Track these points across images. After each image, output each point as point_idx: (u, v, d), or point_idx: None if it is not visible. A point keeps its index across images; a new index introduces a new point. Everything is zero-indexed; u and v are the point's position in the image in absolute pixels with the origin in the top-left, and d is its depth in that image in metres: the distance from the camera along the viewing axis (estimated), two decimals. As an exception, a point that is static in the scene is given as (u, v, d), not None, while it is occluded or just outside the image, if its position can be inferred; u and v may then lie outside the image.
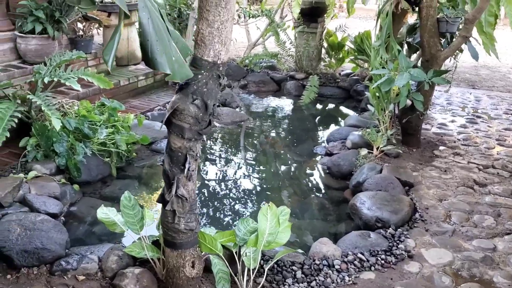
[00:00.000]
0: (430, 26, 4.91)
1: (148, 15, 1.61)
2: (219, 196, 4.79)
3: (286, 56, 8.15)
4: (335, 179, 4.98)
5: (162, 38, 1.69)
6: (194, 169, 2.70)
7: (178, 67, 1.79)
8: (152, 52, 1.65)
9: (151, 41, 1.63)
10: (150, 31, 1.63)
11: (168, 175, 2.69)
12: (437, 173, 4.73)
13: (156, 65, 1.69)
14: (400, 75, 4.65)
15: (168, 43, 1.74)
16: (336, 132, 5.77)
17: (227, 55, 2.48)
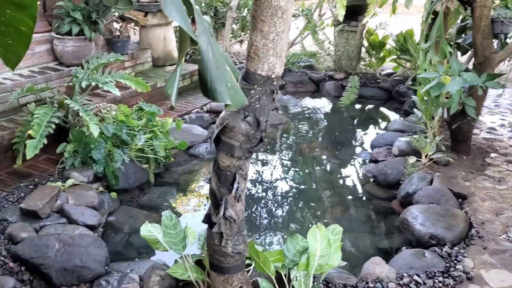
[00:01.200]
0: (483, 27, 4.61)
1: (208, 40, 1.42)
2: (257, 202, 4.62)
3: (325, 56, 7.90)
4: (381, 188, 4.75)
5: (220, 65, 1.50)
6: (243, 189, 2.53)
7: (234, 93, 1.60)
8: (212, 81, 1.47)
9: (210, 70, 1.45)
10: (210, 59, 1.45)
11: (216, 195, 2.52)
12: (491, 183, 4.45)
13: (216, 96, 1.50)
14: (452, 79, 4.38)
15: (224, 68, 1.56)
16: (380, 138, 5.52)
17: (282, 68, 2.29)
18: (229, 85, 1.57)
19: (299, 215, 4.41)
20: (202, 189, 4.82)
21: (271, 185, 4.97)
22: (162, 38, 6.73)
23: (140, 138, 4.51)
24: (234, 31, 8.12)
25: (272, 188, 4.91)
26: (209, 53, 1.45)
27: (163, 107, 6.01)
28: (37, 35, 5.71)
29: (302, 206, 4.55)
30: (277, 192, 4.83)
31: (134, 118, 4.78)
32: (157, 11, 6.57)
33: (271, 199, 4.68)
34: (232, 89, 1.60)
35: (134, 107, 4.93)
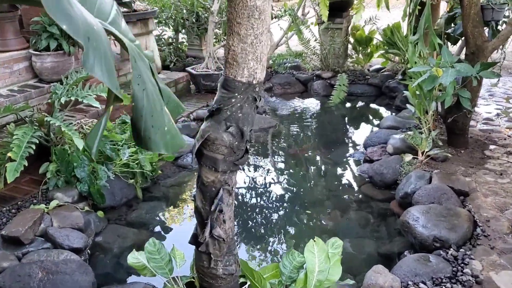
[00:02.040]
0: (473, 15, 4.45)
1: (143, 85, 1.24)
2: (251, 209, 4.44)
3: (311, 55, 7.73)
4: (378, 189, 4.57)
5: (156, 110, 1.32)
6: (231, 204, 2.34)
7: (171, 138, 1.42)
8: (146, 130, 1.29)
9: (145, 117, 1.27)
10: (145, 106, 1.26)
11: (201, 214, 2.34)
12: (493, 178, 4.28)
13: (150, 145, 1.32)
14: (445, 72, 4.22)
15: (161, 112, 1.37)
16: (373, 136, 5.34)
17: (264, 73, 2.11)
18: (166, 129, 1.39)
19: (295, 221, 4.22)
20: (193, 202, 4.61)
21: (265, 190, 4.79)
22: (144, 48, 6.53)
23: (124, 152, 4.31)
24: (218, 35, 7.95)
25: (266, 193, 4.72)
26: (144, 99, 1.27)
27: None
28: (14, 53, 5.52)
29: (297, 212, 4.37)
30: (270, 197, 4.64)
31: (117, 132, 4.58)
32: (136, 20, 6.37)
33: (265, 206, 4.49)
34: (169, 133, 1.41)
35: (116, 121, 4.73)
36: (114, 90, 1.08)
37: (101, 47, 1.06)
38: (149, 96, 1.28)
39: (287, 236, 4.04)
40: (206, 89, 6.68)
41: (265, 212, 4.43)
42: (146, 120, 1.28)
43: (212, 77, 6.54)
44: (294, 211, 4.40)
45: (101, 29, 1.11)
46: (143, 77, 1.27)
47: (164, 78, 6.54)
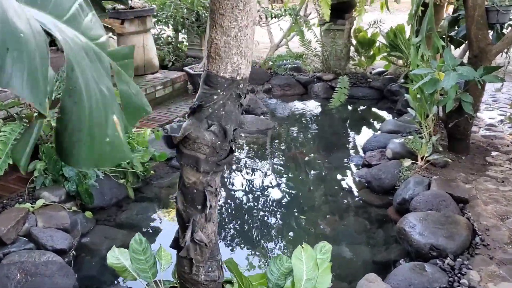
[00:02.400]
0: (477, 17, 4.32)
1: (77, 97, 1.11)
2: (244, 213, 4.31)
3: (312, 56, 7.60)
4: (375, 195, 4.44)
5: (92, 122, 1.19)
6: (214, 207, 2.21)
7: (111, 150, 1.28)
8: (69, 143, 1.14)
9: (70, 131, 1.13)
10: (72, 119, 1.13)
11: (182, 216, 2.21)
12: (494, 185, 4.14)
13: (70, 160, 1.17)
14: (446, 75, 4.08)
15: (102, 124, 1.24)
16: (373, 140, 5.21)
17: (249, 69, 1.98)
18: (108, 140, 1.26)
19: (290, 225, 4.09)
20: (185, 204, 4.50)
21: (260, 193, 4.65)
22: (141, 46, 6.43)
23: (114, 152, 4.18)
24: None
25: (261, 197, 4.59)
26: (72, 113, 1.13)
27: (143, 118, 5.71)
28: (7, 47, 5.40)
29: (293, 216, 4.24)
30: (266, 201, 4.51)
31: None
32: (134, 18, 6.26)
33: (260, 209, 4.36)
34: (111, 145, 1.27)
35: (108, 119, 4.61)
36: (37, 105, 0.94)
37: (26, 56, 0.92)
38: (81, 110, 1.15)
39: (281, 241, 3.91)
40: (204, 89, 6.56)
41: (260, 215, 4.30)
42: (72, 134, 1.14)
43: (210, 77, 6.41)
44: (289, 215, 4.27)
45: (31, 35, 0.96)
46: (79, 88, 1.14)
47: (161, 77, 6.43)
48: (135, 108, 1.61)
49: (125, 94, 1.57)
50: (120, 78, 1.56)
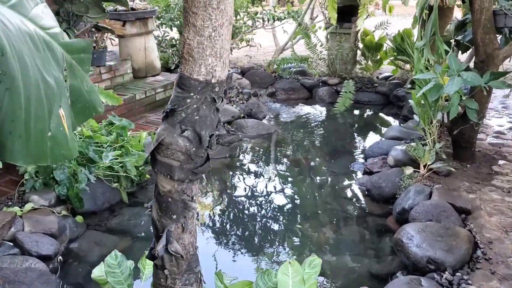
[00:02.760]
0: (484, 21, 4.16)
1: (10, 84, 0.99)
2: (241, 220, 4.18)
3: (318, 60, 7.46)
4: (375, 203, 4.29)
5: (30, 113, 1.07)
6: (191, 217, 2.09)
7: (53, 146, 1.16)
8: (1, 135, 1.04)
9: (1, 121, 1.02)
10: (4, 108, 1.02)
11: (157, 226, 2.09)
12: (499, 195, 3.97)
13: (3, 153, 1.06)
14: (450, 80, 3.93)
15: (43, 116, 1.12)
16: (375, 146, 5.05)
17: (225, 71, 1.86)
18: (50, 135, 1.14)
19: (286, 234, 3.95)
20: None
21: (256, 200, 4.52)
22: (143, 48, 6.34)
23: (107, 155, 4.09)
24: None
25: (257, 203, 4.46)
26: (4, 101, 1.02)
27: (142, 120, 5.62)
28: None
29: (289, 224, 4.10)
30: (262, 208, 4.38)
31: (103, 134, 4.37)
32: (135, 19, 6.18)
33: (256, 216, 4.23)
34: (54, 140, 1.15)
35: (103, 121, 4.52)
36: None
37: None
38: (15, 98, 1.03)
39: (277, 250, 3.77)
40: (206, 92, 6.45)
41: (256, 222, 4.17)
42: (3, 123, 1.02)
43: (212, 80, 6.30)
44: (286, 223, 4.14)
45: None
46: (12, 74, 1.02)
47: (163, 80, 6.33)
48: (85, 106, 1.50)
49: (76, 89, 1.46)
50: (72, 72, 1.45)
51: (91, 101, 1.50)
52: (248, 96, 6.64)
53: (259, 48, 8.27)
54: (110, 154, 4.10)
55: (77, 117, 1.44)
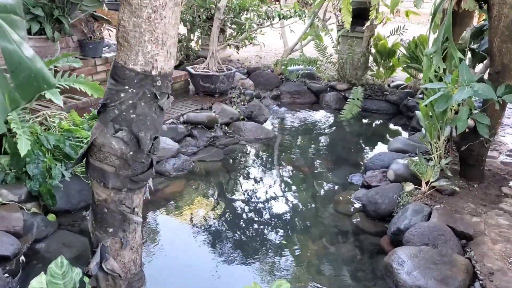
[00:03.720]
0: (503, 28, 3.80)
1: None
2: (222, 229, 3.85)
3: (327, 63, 7.13)
4: (370, 220, 3.95)
5: None
6: (132, 231, 1.79)
7: None
8: None
9: None
10: None
11: (91, 240, 1.80)
12: (507, 220, 3.61)
13: None
14: (459, 91, 3.59)
15: None
16: (376, 158, 4.71)
17: (171, 63, 1.56)
18: None
19: (273, 250, 3.63)
20: (160, 214, 4.10)
21: (241, 210, 4.20)
22: (143, 40, 6.07)
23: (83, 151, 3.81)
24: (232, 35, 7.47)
25: (241, 214, 4.14)
26: None
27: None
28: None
29: (278, 238, 3.77)
30: (246, 219, 4.06)
31: (84, 128, 4.11)
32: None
33: (237, 228, 3.91)
34: None
35: (85, 115, 4.25)
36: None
37: None
38: None
39: (256, 267, 3.45)
40: (205, 91, 6.17)
41: (237, 235, 3.85)
42: None
43: (212, 79, 6.02)
44: (272, 237, 3.81)
45: None
46: None
47: (161, 75, 6.06)
48: (30, 76, 1.24)
49: (12, 55, 1.22)
50: (2, 33, 1.21)
51: (38, 71, 1.24)
52: (250, 97, 6.34)
53: (262, 48, 7.98)
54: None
55: (23, 90, 1.20)
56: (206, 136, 5.41)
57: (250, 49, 9.87)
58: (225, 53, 8.52)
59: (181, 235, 3.80)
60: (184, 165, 4.76)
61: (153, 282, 3.01)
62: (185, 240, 3.74)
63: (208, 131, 5.47)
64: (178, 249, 3.61)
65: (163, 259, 3.44)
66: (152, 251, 3.51)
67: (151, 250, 3.53)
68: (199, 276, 3.31)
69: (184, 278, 3.27)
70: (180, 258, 3.51)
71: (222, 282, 3.24)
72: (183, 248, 3.63)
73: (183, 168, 4.74)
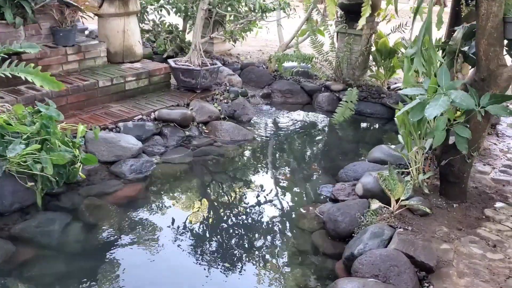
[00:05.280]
0: (491, 29, 3.32)
1: None
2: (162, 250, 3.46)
3: (323, 61, 6.66)
4: (330, 240, 3.52)
5: None
6: None
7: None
8: None
9: None
10: None
11: None
12: (481, 249, 3.14)
13: None
14: (434, 100, 3.14)
15: None
16: (350, 169, 4.25)
17: None
18: None
19: (219, 268, 3.24)
20: (105, 220, 3.76)
21: (193, 225, 3.76)
22: (121, 31, 5.73)
23: (14, 148, 3.48)
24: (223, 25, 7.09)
25: (192, 229, 3.69)
26: None
27: (101, 111, 5.03)
28: None
29: (223, 257, 3.37)
30: (196, 236, 3.63)
31: (25, 123, 3.79)
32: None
33: (183, 247, 3.50)
34: None
35: (27, 109, 3.93)
36: None
37: None
38: None
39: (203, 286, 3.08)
40: (186, 87, 5.79)
41: (183, 254, 3.45)
42: None
43: (193, 74, 5.63)
44: (219, 254, 3.42)
45: None
46: None
47: (139, 67, 5.70)
48: None
49: None
50: None
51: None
52: (235, 95, 5.93)
53: (242, 44, 7.59)
54: (19, 147, 3.49)
55: None
56: (178, 135, 5.04)
57: (254, 43, 9.46)
58: (224, 46, 8.14)
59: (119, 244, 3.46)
60: (144, 167, 4.40)
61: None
62: (120, 250, 3.39)
63: (182, 130, 5.10)
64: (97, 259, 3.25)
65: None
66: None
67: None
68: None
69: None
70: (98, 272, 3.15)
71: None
72: (110, 260, 3.27)
73: (142, 170, 4.38)
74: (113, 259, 3.29)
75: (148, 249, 3.42)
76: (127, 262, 3.26)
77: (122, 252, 3.37)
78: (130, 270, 3.18)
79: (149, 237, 3.56)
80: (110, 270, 3.18)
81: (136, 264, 3.24)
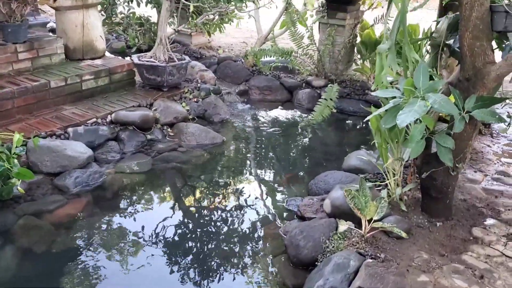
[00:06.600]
0: (476, 20, 2.81)
1: None
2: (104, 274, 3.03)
3: (302, 56, 6.15)
4: (292, 267, 3.04)
5: None
6: None
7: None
8: None
9: None
10: None
11: None
12: (465, 281, 2.65)
13: None
14: (409, 105, 2.66)
15: None
16: (321, 180, 3.74)
17: None
18: None
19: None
20: (41, 244, 3.29)
21: (145, 248, 3.31)
22: (80, 24, 5.23)
23: None
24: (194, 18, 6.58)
25: (143, 253, 3.25)
26: None
27: (51, 115, 4.55)
28: None
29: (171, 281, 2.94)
30: (145, 262, 3.18)
31: None
32: (69, -11, 5.08)
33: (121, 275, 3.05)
34: None
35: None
36: None
37: None
38: None
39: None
40: (151, 85, 5.30)
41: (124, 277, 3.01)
42: None
43: (158, 70, 5.14)
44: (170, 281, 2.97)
45: None
46: None
47: (99, 64, 5.19)
48: None
49: None
50: None
51: None
52: (206, 93, 5.43)
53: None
54: None
55: None
56: (137, 140, 4.56)
57: (238, 35, 8.97)
58: (203, 39, 7.64)
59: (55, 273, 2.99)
60: (91, 179, 3.93)
61: None
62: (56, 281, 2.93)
63: (142, 134, 4.62)
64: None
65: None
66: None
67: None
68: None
69: None
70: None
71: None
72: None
73: (89, 182, 3.91)
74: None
75: (88, 277, 2.96)
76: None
77: (58, 282, 2.92)
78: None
79: (91, 263, 3.10)
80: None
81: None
